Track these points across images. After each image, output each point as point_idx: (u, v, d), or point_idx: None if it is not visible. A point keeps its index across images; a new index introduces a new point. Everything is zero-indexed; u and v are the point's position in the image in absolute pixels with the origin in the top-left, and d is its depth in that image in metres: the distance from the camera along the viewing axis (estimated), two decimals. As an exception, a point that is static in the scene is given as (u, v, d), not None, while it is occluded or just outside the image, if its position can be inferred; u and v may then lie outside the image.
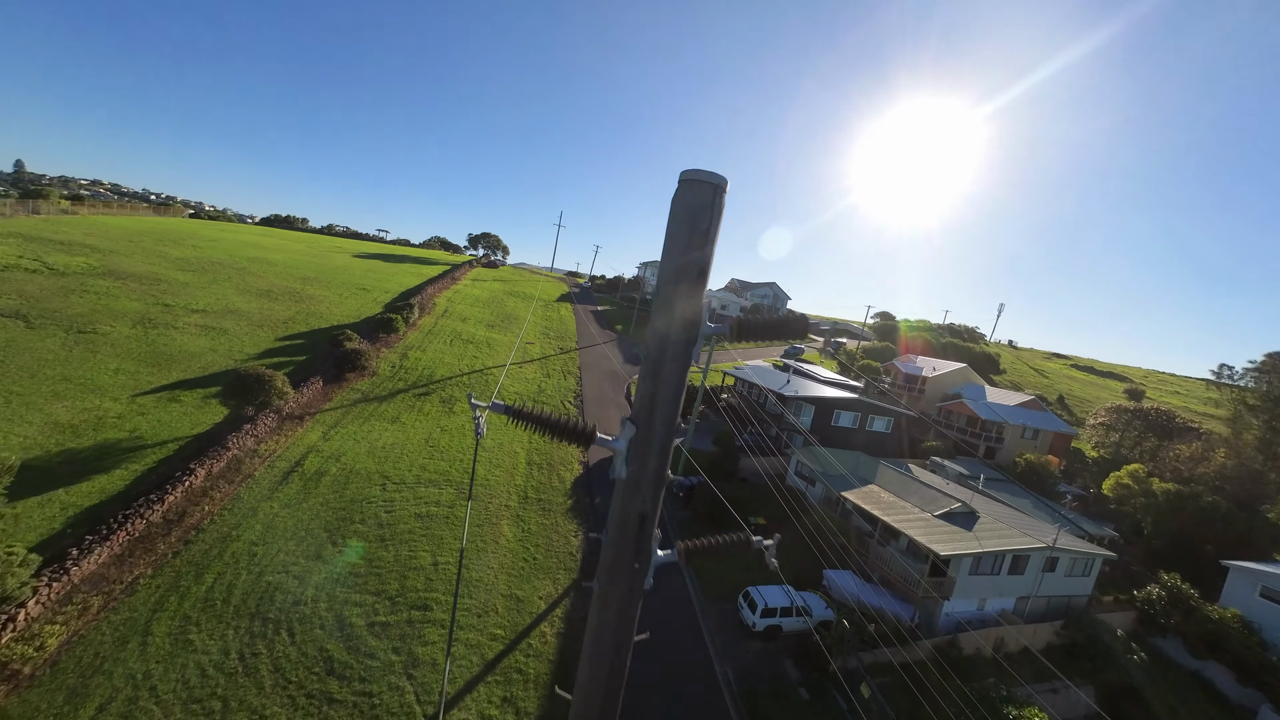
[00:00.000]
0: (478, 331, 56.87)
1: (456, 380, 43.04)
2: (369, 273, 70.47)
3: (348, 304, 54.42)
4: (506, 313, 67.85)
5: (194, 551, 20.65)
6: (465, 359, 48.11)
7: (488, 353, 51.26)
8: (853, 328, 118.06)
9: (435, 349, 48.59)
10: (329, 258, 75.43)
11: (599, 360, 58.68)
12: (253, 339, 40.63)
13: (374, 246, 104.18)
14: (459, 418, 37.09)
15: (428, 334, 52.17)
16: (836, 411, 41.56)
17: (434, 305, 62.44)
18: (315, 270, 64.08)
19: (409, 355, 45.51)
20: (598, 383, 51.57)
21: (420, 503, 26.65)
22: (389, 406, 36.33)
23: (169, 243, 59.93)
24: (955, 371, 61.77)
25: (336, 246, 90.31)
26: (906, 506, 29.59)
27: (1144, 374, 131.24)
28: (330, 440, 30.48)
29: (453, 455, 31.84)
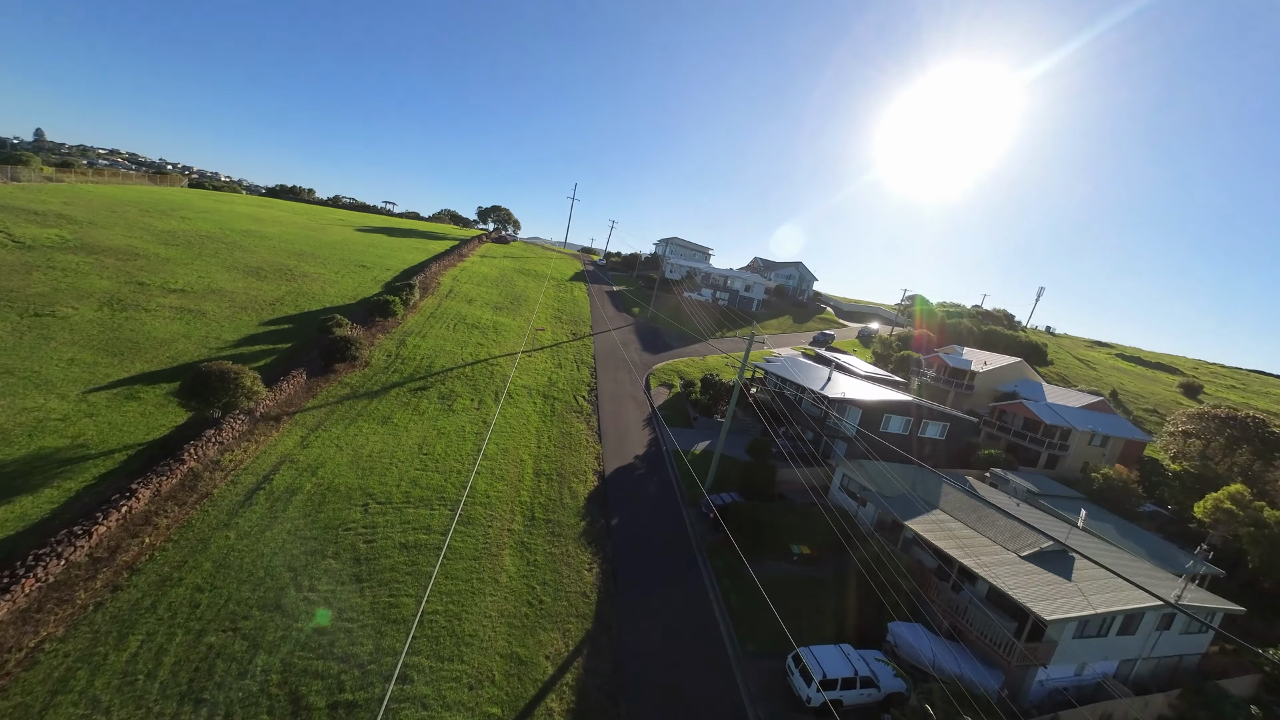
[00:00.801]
0: (484, 315, 52.34)
1: (458, 372, 38.70)
2: (370, 248, 65.98)
3: (344, 283, 50.10)
4: (516, 293, 63.13)
5: (122, 602, 16.73)
6: (469, 347, 43.70)
7: (494, 339, 46.79)
8: (883, 312, 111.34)
9: (436, 335, 44.21)
10: (329, 231, 71.00)
11: (615, 348, 53.98)
12: (233, 323, 36.54)
13: (379, 219, 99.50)
14: (458, 418, 32.84)
15: (429, 317, 47.78)
16: (886, 416, 36.52)
17: (438, 285, 57.92)
18: (312, 245, 59.75)
19: (407, 343, 41.19)
20: (614, 374, 46.98)
21: (407, 528, 22.53)
22: (380, 404, 32.16)
23: (156, 214, 55.85)
24: (1009, 367, 55.90)
25: (339, 219, 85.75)
26: (985, 542, 24.78)
27: (1193, 365, 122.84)
28: (309, 447, 26.41)
29: (449, 465, 27.64)
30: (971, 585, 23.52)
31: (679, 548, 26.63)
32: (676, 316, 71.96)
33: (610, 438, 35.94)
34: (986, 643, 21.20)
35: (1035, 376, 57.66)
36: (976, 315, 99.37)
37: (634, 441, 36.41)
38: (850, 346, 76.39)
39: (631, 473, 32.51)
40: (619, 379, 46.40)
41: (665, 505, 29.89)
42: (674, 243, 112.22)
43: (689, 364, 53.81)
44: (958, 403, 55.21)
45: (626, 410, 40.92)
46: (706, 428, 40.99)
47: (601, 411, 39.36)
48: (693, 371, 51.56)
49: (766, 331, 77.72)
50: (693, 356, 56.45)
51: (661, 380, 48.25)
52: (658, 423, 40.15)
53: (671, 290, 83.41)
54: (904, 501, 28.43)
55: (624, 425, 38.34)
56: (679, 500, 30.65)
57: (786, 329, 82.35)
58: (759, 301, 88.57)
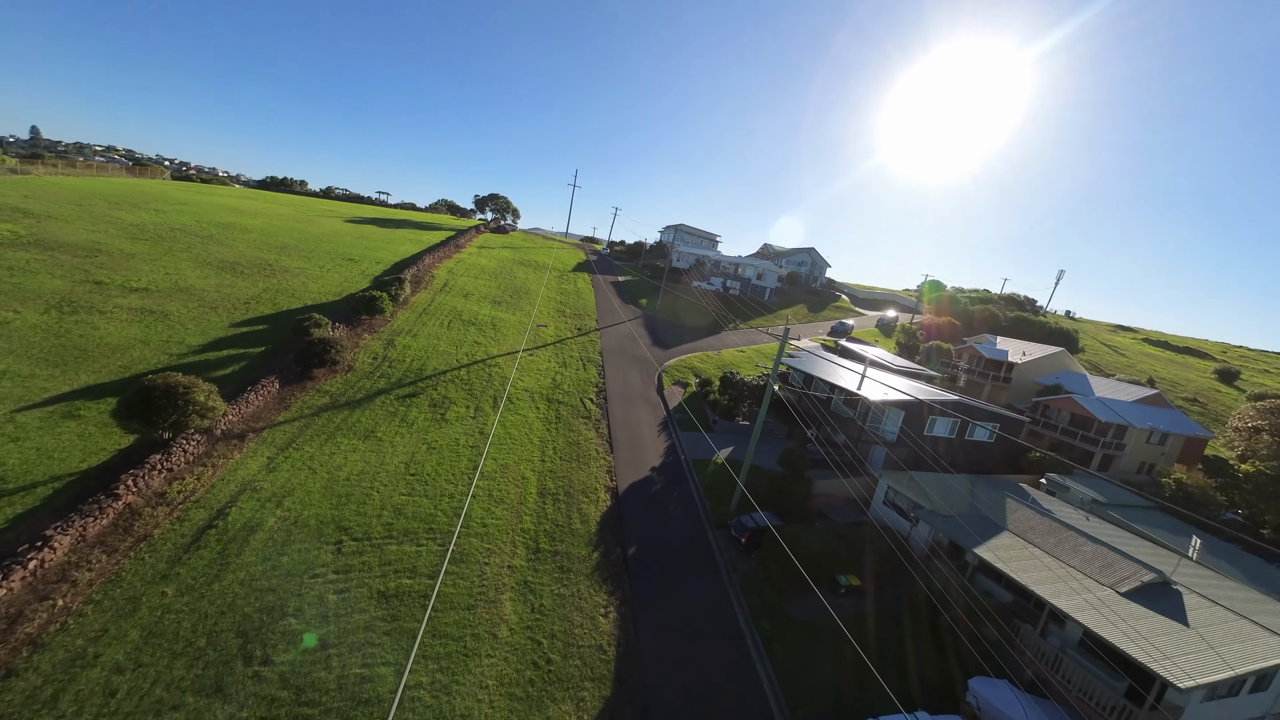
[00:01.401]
0: (482, 310, 48.44)
1: (452, 376, 34.91)
2: (360, 240, 61.98)
3: (329, 278, 46.23)
4: (516, 286, 59.13)
5: (14, 694, 13.15)
6: (465, 346, 39.86)
7: (492, 337, 42.93)
8: (900, 299, 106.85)
9: (429, 334, 40.38)
10: (316, 223, 66.97)
11: (623, 342, 50.08)
12: (200, 325, 32.77)
13: (372, 210, 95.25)
14: (452, 429, 29.11)
15: (421, 314, 43.91)
16: (932, 418, 32.59)
17: (432, 278, 53.98)
18: (296, 238, 55.80)
19: (396, 343, 37.38)
20: (623, 372, 43.13)
21: (388, 571, 18.89)
22: (363, 415, 28.43)
23: (127, 206, 51.95)
24: (1050, 357, 51.72)
25: (329, 210, 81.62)
26: (1069, 573, 20.97)
27: (1221, 349, 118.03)
28: (276, 471, 22.74)
29: (440, 488, 23.95)
30: (1059, 628, 19.76)
31: (707, 581, 22.95)
32: (687, 307, 67.89)
33: (622, 447, 32.19)
34: (1087, 704, 17.48)
35: (1078, 367, 53.50)
36: (1000, 301, 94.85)
37: (649, 450, 32.65)
38: (871, 337, 72.22)
39: (648, 488, 28.78)
40: (629, 378, 42.56)
41: (688, 527, 26.18)
42: (680, 230, 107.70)
43: (703, 359, 49.89)
44: (994, 397, 51.22)
45: (639, 414, 37.12)
46: (728, 432, 37.17)
47: (611, 416, 35.57)
48: (708, 368, 47.65)
49: (780, 322, 73.53)
50: (706, 351, 52.51)
51: (675, 378, 44.38)
52: (673, 428, 36.36)
53: (680, 279, 79.25)
54: (966, 521, 24.61)
55: (637, 431, 34.56)
56: (704, 521, 26.92)
57: (802, 318, 78.16)
58: (771, 290, 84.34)
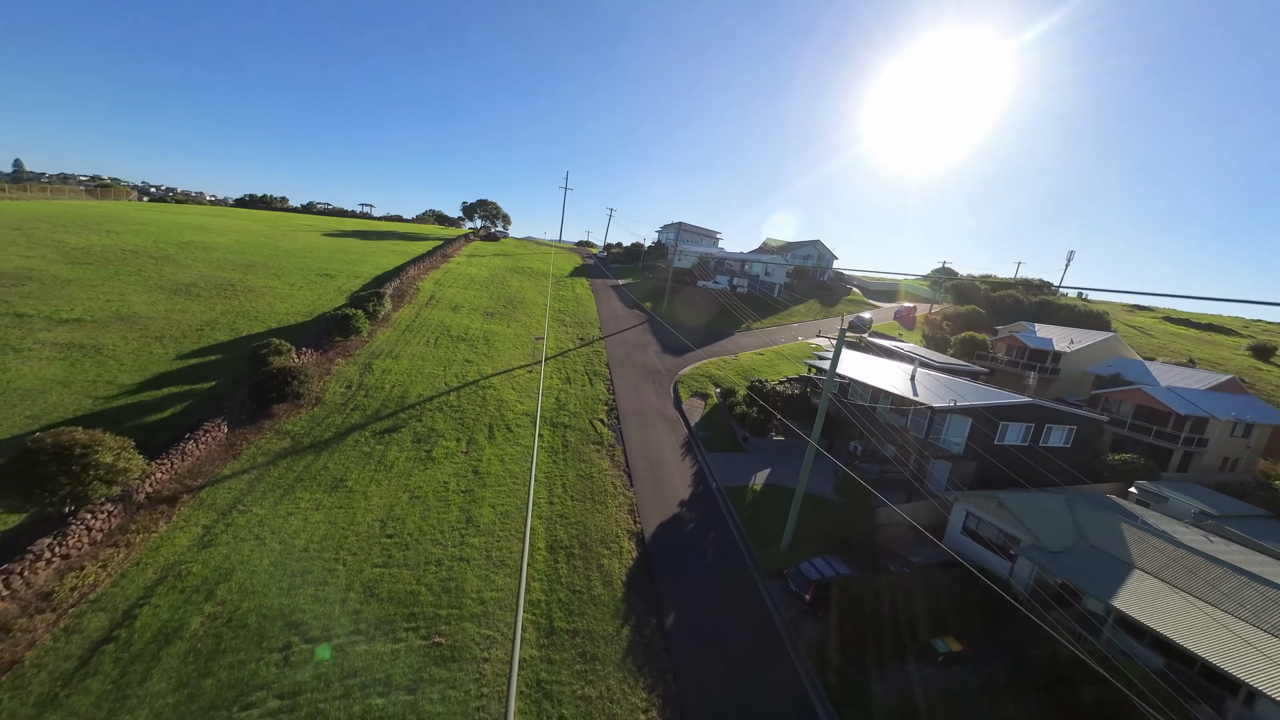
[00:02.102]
0: (472, 323, 43.59)
1: (440, 402, 30.04)
2: (338, 254, 57.14)
3: (300, 296, 41.34)
4: (510, 295, 54.31)
5: None
6: (454, 366, 35.00)
7: (485, 354, 38.08)
8: (911, 288, 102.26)
9: (413, 354, 35.50)
10: (291, 238, 62.12)
11: (631, 351, 45.29)
12: (139, 360, 27.85)
13: (354, 223, 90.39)
14: (440, 469, 24.24)
15: (405, 332, 39.04)
16: (1004, 425, 27.80)
17: (417, 291, 49.14)
18: (266, 254, 50.93)
19: (374, 367, 32.50)
20: (634, 385, 38.31)
21: (352, 689, 13.97)
22: (331, 459, 23.54)
23: (75, 228, 47.05)
24: (1100, 344, 47.07)
25: (306, 225, 76.78)
26: (1237, 626, 16.14)
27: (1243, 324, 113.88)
28: (213, 545, 17.84)
29: (424, 551, 19.07)
30: (1248, 709, 14.93)
31: (767, 653, 18.06)
32: (694, 309, 63.16)
33: (643, 477, 27.34)
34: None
35: (1131, 353, 48.85)
36: (1019, 286, 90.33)
37: (674, 479, 27.80)
38: (892, 331, 67.54)
39: (679, 530, 23.90)
40: (642, 392, 37.73)
41: (735, 580, 21.31)
42: (680, 228, 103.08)
43: (720, 365, 45.10)
44: (1041, 391, 46.48)
45: (657, 434, 32.28)
46: (762, 450, 32.35)
47: (627, 439, 30.73)
48: (728, 374, 42.86)
49: (795, 319, 68.89)
50: (723, 356, 47.72)
51: (693, 389, 39.56)
52: (699, 449, 31.53)
53: (684, 280, 74.58)
54: (1079, 557, 19.81)
55: (658, 456, 29.72)
56: (751, 569, 22.05)
57: (816, 314, 73.47)
58: (780, 286, 79.68)
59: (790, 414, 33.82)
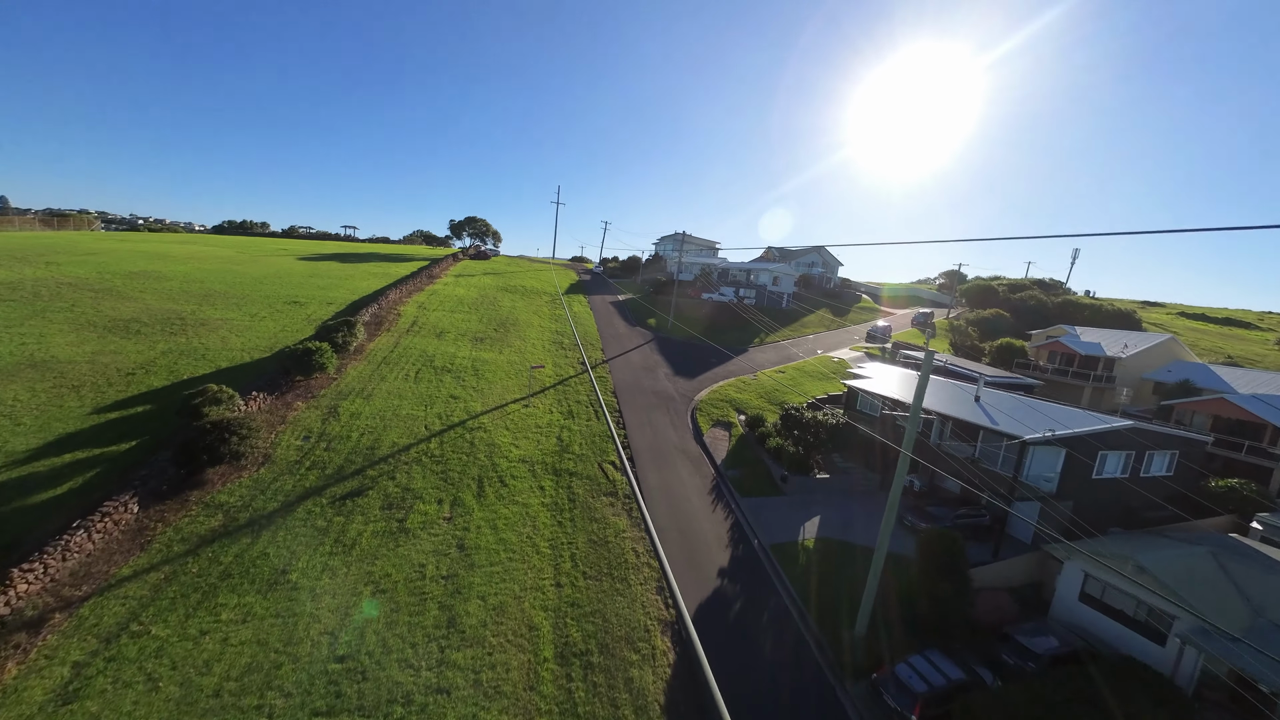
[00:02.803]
0: (459, 351, 38.57)
1: (419, 452, 24.89)
2: (311, 279, 52.15)
3: (261, 329, 36.23)
4: (502, 317, 49.42)
5: None
6: (437, 405, 29.92)
7: (474, 387, 33.03)
8: (924, 293, 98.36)
9: (389, 391, 30.41)
10: (260, 264, 57.13)
11: (639, 375, 40.35)
12: (41, 418, 22.61)
13: (335, 246, 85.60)
14: (416, 545, 19.06)
15: (381, 364, 33.96)
16: (1102, 454, 22.93)
17: (397, 316, 44.15)
18: (229, 283, 45.90)
19: (341, 411, 27.36)
20: (647, 416, 33.31)
21: None
22: (274, 542, 18.31)
23: (9, 261, 41.90)
24: (1157, 347, 42.66)
25: (281, 249, 71.87)
26: None
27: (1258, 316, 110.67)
28: (83, 695, 12.54)
29: (388, 680, 13.81)
30: None
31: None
32: (702, 324, 58.47)
33: (669, 537, 22.23)
34: None
35: (1190, 355, 44.43)
36: (1034, 286, 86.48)
37: (707, 538, 22.70)
38: (915, 339, 63.01)
39: (723, 612, 18.75)
40: (656, 423, 32.72)
41: (804, 687, 16.12)
42: (677, 240, 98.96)
43: (740, 387, 40.20)
44: (1095, 403, 41.84)
45: (679, 476, 27.21)
46: (804, 492, 27.34)
47: (645, 486, 25.64)
48: (749, 398, 37.95)
49: (809, 330, 64.32)
50: (741, 377, 42.85)
51: (714, 417, 34.59)
52: (730, 494, 26.48)
53: (686, 293, 70.08)
54: (1271, 642, 14.80)
55: (683, 507, 24.64)
56: (823, 667, 16.87)
57: (830, 324, 68.97)
58: (789, 296, 75.29)
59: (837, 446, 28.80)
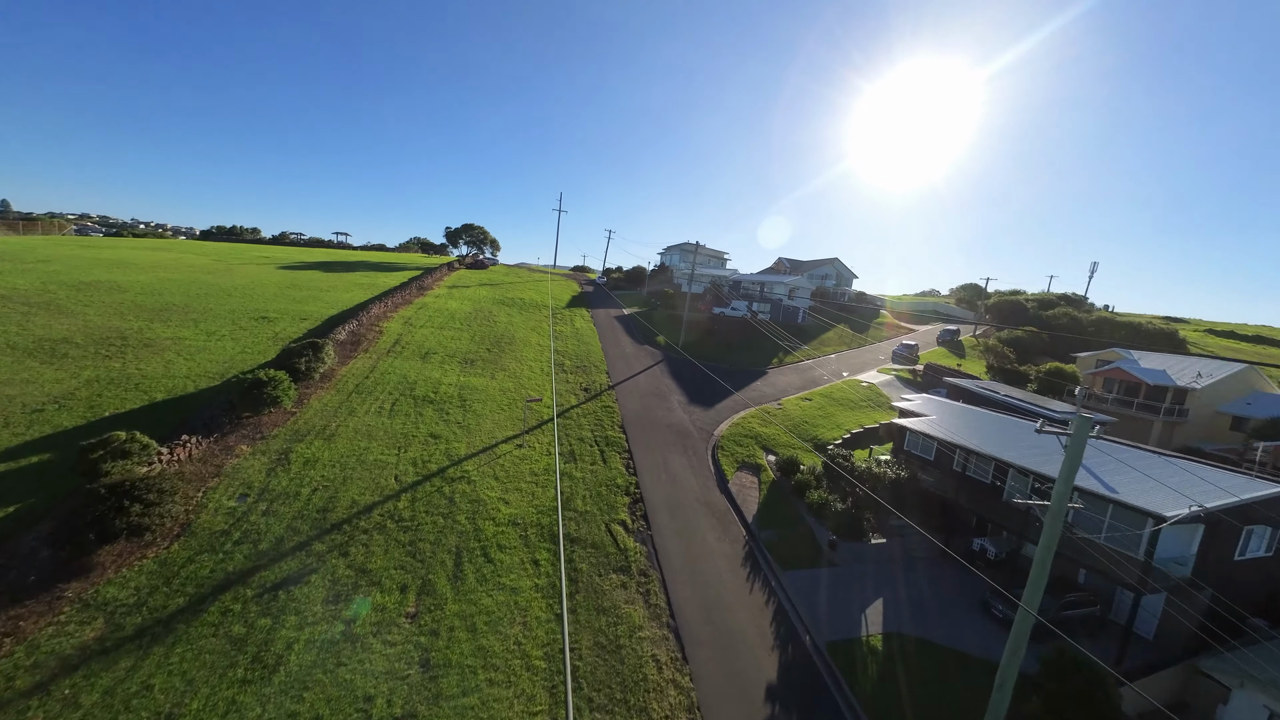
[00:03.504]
0: (446, 377, 33.78)
1: (384, 513, 19.98)
2: (287, 291, 47.49)
3: (216, 350, 31.48)
4: (496, 335, 44.68)
5: None
6: (413, 447, 25.05)
7: (459, 423, 28.20)
8: (941, 308, 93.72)
9: (357, 429, 25.57)
10: (235, 273, 52.49)
11: (649, 403, 35.51)
12: (-101, 474, 17.74)
13: (323, 254, 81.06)
14: (366, 662, 14.11)
15: (353, 393, 29.15)
16: (1247, 530, 18.06)
17: (379, 334, 39.41)
18: (193, 294, 41.24)
19: (294, 457, 22.49)
20: (661, 457, 28.44)
21: None
22: (166, 663, 13.39)
23: (-59, 270, 37.25)
24: (1235, 376, 37.85)
25: (264, 256, 67.31)
26: None
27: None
28: None
29: None
30: None
31: None
32: (715, 342, 53.76)
33: (698, 635, 17.28)
34: None
35: (1270, 385, 39.58)
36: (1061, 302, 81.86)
37: (744, 632, 17.76)
38: (945, 359, 58.19)
39: (780, 763, 13.75)
40: (672, 466, 27.85)
41: None
42: (686, 249, 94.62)
43: (765, 419, 35.32)
44: (1165, 440, 36.92)
45: (704, 541, 22.31)
46: (859, 561, 22.42)
47: (663, 557, 20.73)
48: (777, 433, 33.08)
49: (829, 349, 59.57)
50: (765, 406, 37.98)
51: (738, 458, 29.71)
52: (766, 564, 21.59)
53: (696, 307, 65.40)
54: None
55: (714, 588, 19.70)
56: None
57: (849, 341, 64.23)
58: (805, 311, 70.65)
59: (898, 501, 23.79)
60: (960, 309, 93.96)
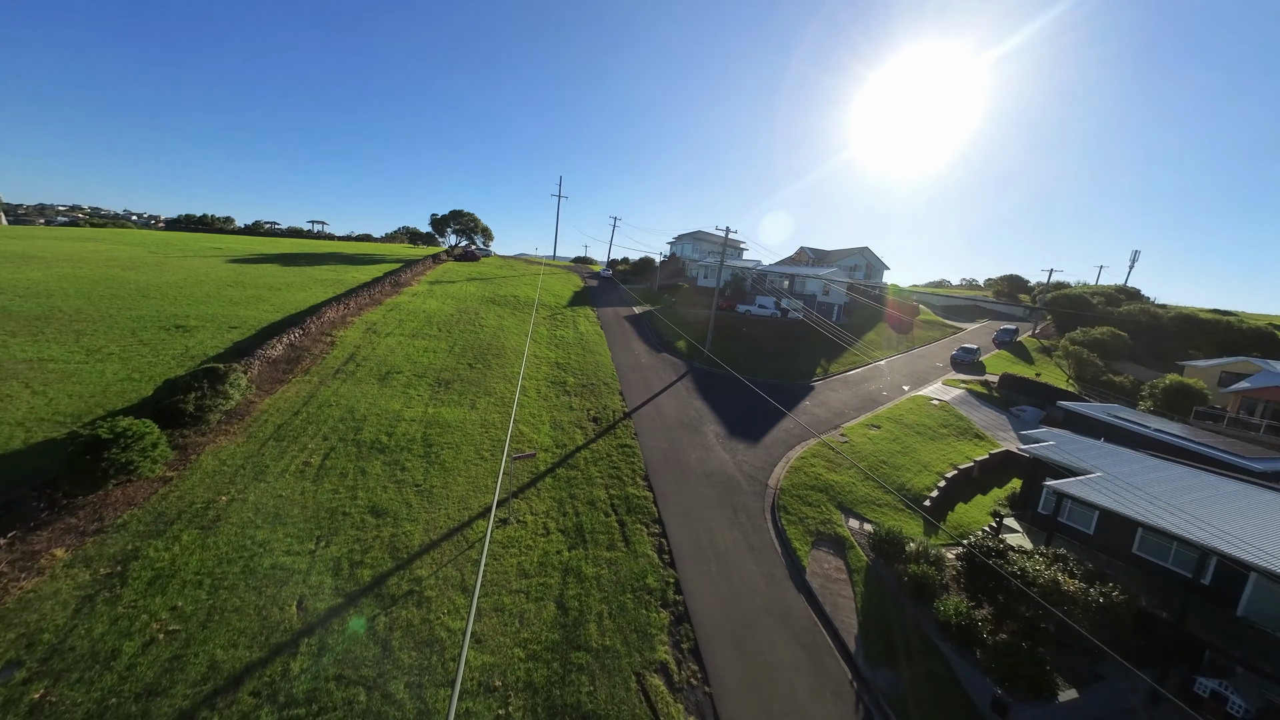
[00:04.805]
0: (409, 408, 25.27)
1: (256, 698, 11.55)
2: (228, 289, 38.77)
3: (91, 376, 22.91)
4: (482, 344, 36.10)
5: None
6: (343, 535, 16.59)
7: (420, 487, 19.74)
8: (983, 302, 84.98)
9: (255, 508, 17.09)
10: (168, 267, 43.74)
11: (678, 439, 27.04)
12: None
13: (290, 245, 72.05)
14: None
15: (267, 443, 20.64)
16: None
17: (329, 346, 30.85)
18: (95, 296, 32.60)
19: (135, 569, 14.05)
20: (701, 526, 20.03)
21: None
22: None
23: None
24: None
25: (214, 247, 58.47)
26: None
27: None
28: None
29: None
30: None
31: None
32: (745, 347, 45.22)
33: None
34: None
35: None
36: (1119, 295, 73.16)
37: None
38: (1013, 367, 49.61)
39: None
40: (722, 545, 19.45)
41: None
42: (696, 239, 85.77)
43: (831, 459, 26.81)
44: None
45: (790, 694, 13.94)
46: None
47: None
48: (853, 483, 24.63)
49: (877, 354, 50.98)
50: (827, 437, 29.50)
51: (810, 526, 21.28)
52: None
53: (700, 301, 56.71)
54: None
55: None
56: None
57: (895, 344, 55.63)
58: (840, 308, 61.95)
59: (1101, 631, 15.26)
60: (1001, 303, 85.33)
